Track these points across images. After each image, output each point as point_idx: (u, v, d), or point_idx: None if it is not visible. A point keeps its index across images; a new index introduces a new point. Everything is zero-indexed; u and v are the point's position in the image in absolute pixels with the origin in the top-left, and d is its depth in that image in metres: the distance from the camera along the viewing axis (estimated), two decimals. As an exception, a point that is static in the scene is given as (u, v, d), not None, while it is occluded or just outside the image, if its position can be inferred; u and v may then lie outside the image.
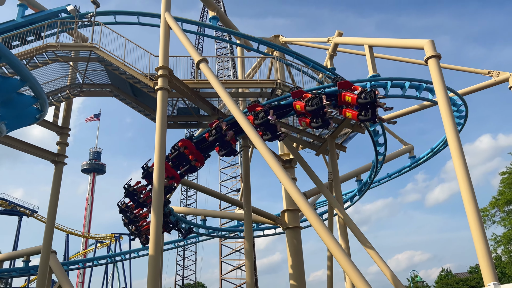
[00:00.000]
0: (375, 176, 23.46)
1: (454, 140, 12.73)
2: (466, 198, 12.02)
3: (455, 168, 12.62)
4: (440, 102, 13.16)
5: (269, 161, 11.48)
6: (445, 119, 13.03)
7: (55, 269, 19.41)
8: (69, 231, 77.71)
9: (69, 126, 18.61)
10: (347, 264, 9.24)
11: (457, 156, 12.52)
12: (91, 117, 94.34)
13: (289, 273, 20.06)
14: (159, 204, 12.84)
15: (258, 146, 11.95)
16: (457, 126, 20.80)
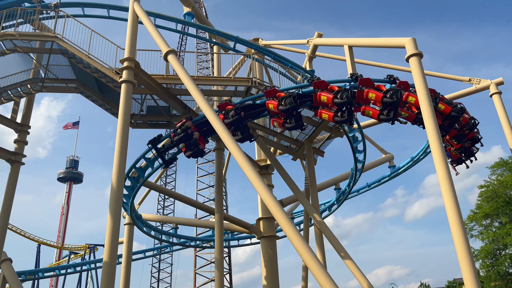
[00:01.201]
0: (354, 185, 22.74)
1: (437, 147, 11.86)
2: (449, 209, 11.10)
3: (438, 175, 11.76)
4: (422, 103, 12.45)
5: (242, 163, 10.62)
6: (427, 122, 12.30)
7: (9, 279, 17.85)
8: (40, 241, 74.57)
9: (29, 123, 17.33)
10: (322, 275, 8.35)
11: (440, 164, 11.67)
12: (69, 125, 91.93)
13: (263, 284, 18.98)
14: (117, 207, 11.69)
15: (231, 147, 11.07)
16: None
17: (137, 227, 21.93)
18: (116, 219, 11.42)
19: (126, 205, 19.25)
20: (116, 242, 11.27)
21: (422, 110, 12.36)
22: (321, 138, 19.30)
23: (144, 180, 16.74)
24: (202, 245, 27.39)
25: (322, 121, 16.07)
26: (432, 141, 11.92)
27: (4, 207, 15.54)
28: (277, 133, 17.45)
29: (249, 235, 26.71)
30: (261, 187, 10.19)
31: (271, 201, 9.90)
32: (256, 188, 10.43)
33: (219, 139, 17.83)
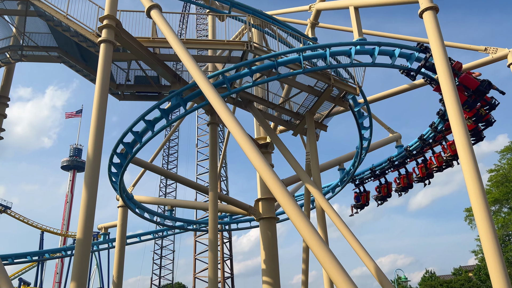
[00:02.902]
0: (359, 164, 21.38)
1: (457, 117, 10.39)
2: (471, 185, 9.62)
3: (458, 149, 10.28)
4: (438, 63, 10.97)
5: (238, 136, 9.46)
6: (444, 85, 10.87)
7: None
8: (44, 229, 74.48)
9: (8, 95, 16.03)
10: (323, 253, 7.05)
11: (460, 135, 10.21)
12: (72, 113, 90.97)
13: (262, 268, 17.78)
14: (93, 183, 10.42)
15: (225, 119, 9.81)
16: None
17: (129, 209, 20.80)
18: (91, 197, 10.14)
19: (115, 184, 18.06)
20: (91, 221, 10.00)
21: (438, 71, 10.93)
22: (322, 115, 17.94)
23: (132, 156, 15.48)
24: (201, 229, 26.26)
25: (324, 91, 14.68)
26: (450, 108, 10.51)
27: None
28: (276, 106, 16.09)
29: (249, 218, 25.55)
30: (259, 161, 8.94)
31: (269, 175, 8.68)
32: (254, 163, 9.19)
33: (213, 112, 16.52)
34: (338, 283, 7.01)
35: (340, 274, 7.03)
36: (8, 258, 23.63)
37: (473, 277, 54.90)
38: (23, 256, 23.90)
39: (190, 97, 13.69)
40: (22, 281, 60.10)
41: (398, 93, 20.15)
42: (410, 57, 14.78)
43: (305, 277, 17.55)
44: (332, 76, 14.28)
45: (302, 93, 15.85)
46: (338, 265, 7.11)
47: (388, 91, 20.22)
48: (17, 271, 69.17)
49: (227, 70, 13.19)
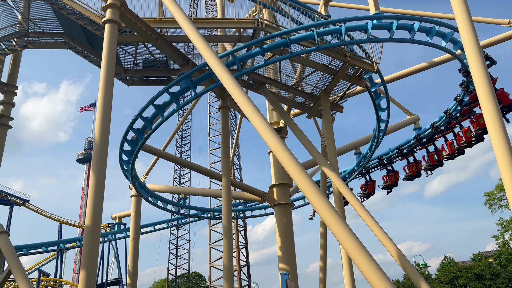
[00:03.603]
0: (376, 148, 20.68)
1: (486, 91, 9.56)
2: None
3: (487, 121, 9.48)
4: (465, 38, 10.14)
5: (252, 116, 8.92)
6: (470, 56, 10.03)
7: (5, 252, 16.69)
8: (62, 221, 75.53)
9: (16, 83, 15.76)
10: (342, 231, 6.50)
11: (488, 107, 9.41)
12: (86, 107, 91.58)
13: (278, 255, 17.36)
14: (101, 169, 10.04)
15: (238, 98, 9.30)
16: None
17: (142, 198, 20.55)
18: (99, 184, 9.77)
19: (127, 172, 17.77)
20: (100, 208, 9.64)
21: (464, 44, 10.14)
22: (337, 97, 17.26)
23: (142, 142, 15.12)
24: (215, 217, 25.94)
25: (340, 69, 14.01)
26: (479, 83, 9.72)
27: (-10, 174, 14.16)
28: (289, 87, 15.47)
29: (263, 205, 25.14)
30: (274, 140, 8.42)
31: (285, 154, 8.14)
32: (269, 142, 8.68)
33: (224, 96, 16.04)
34: (359, 262, 6.50)
35: (361, 253, 6.51)
36: (23, 248, 23.75)
37: (493, 263, 53.80)
38: (38, 246, 24.00)
39: (199, 79, 13.17)
40: (41, 272, 61.05)
41: (417, 72, 19.32)
42: (430, 31, 13.97)
43: (323, 263, 17.09)
44: (348, 53, 13.59)
45: (316, 73, 15.21)
46: (359, 244, 6.58)
47: (406, 70, 19.41)
48: (37, 262, 70.44)
49: (237, 49, 12.63)
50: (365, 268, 6.24)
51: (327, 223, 6.91)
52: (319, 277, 17.67)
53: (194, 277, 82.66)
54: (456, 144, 20.96)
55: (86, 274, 8.73)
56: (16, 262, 16.41)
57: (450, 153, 21.51)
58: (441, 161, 22.34)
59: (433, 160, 22.17)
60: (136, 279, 21.27)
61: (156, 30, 12.95)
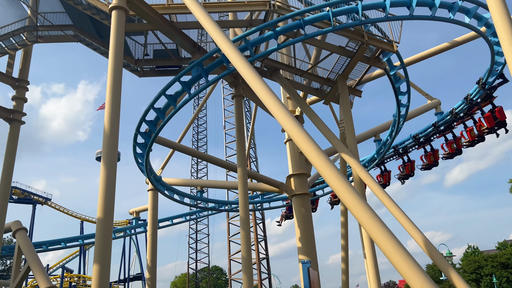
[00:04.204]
0: (397, 134, 19.94)
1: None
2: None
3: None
4: (494, 11, 9.34)
5: (268, 100, 8.50)
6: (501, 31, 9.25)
7: (24, 248, 16.69)
8: (83, 218, 76.72)
9: (27, 78, 15.61)
10: (365, 213, 5.98)
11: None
12: (103, 106, 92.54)
13: (298, 247, 16.91)
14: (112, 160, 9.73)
15: (252, 82, 8.88)
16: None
17: (159, 192, 20.34)
18: (110, 176, 9.46)
19: (142, 165, 17.53)
20: (112, 200, 9.33)
21: (492, 14, 9.37)
22: (354, 82, 16.60)
23: (155, 134, 14.81)
24: (233, 209, 25.63)
25: (357, 50, 13.37)
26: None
27: (5, 170, 14.07)
28: (304, 72, 14.89)
29: (281, 197, 24.69)
30: (291, 123, 7.95)
31: (303, 137, 7.65)
32: (286, 126, 8.20)
33: (237, 84, 15.58)
34: (386, 248, 5.98)
35: (388, 238, 5.99)
36: (43, 245, 23.92)
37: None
38: (57, 242, 24.14)
39: (211, 66, 12.73)
40: (65, 269, 62.11)
41: (438, 53, 18.46)
42: (452, 7, 13.17)
43: (345, 254, 16.57)
44: (365, 33, 12.94)
45: (332, 57, 14.59)
46: (385, 229, 6.06)
47: (426, 51, 18.57)
48: (61, 260, 71.73)
49: (249, 33, 12.11)
50: (393, 255, 5.73)
51: (349, 207, 6.41)
52: (341, 268, 17.16)
53: (214, 271, 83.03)
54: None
55: (99, 269, 8.44)
56: (35, 258, 16.38)
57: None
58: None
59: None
60: (155, 274, 21.15)
61: (165, 17, 12.54)
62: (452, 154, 21.70)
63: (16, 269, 16.97)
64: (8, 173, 14.07)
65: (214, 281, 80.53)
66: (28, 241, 17.14)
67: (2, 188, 13.91)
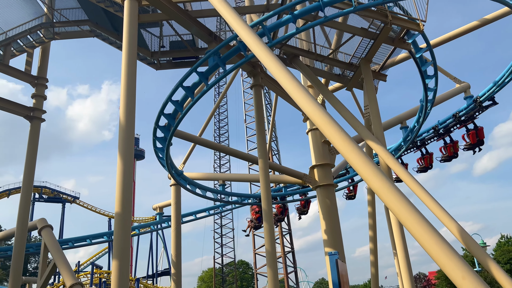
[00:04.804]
0: (424, 120, 19.08)
1: None
2: None
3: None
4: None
5: (289, 85, 8.07)
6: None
7: (49, 245, 16.81)
8: (111, 215, 78.24)
9: (46, 75, 15.61)
10: (393, 196, 5.47)
11: None
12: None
13: (323, 239, 16.41)
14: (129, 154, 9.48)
15: (272, 67, 8.44)
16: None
17: (181, 186, 20.16)
18: (127, 169, 9.20)
19: (162, 160, 17.35)
20: (130, 194, 9.08)
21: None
22: (378, 66, 15.87)
23: (174, 127, 14.54)
24: (256, 202, 25.29)
25: (381, 31, 12.69)
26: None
27: (27, 167, 14.09)
28: (325, 58, 14.29)
29: (304, 190, 24.17)
30: (315, 108, 7.48)
31: (329, 122, 7.16)
32: (309, 112, 7.71)
33: (256, 73, 15.12)
34: (420, 235, 5.45)
35: (422, 225, 5.45)
36: (69, 242, 24.22)
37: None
38: (82, 239, 24.40)
39: (228, 54, 12.30)
40: (95, 266, 63.54)
41: (466, 33, 17.49)
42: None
43: (373, 245, 15.96)
44: (389, 12, 12.24)
45: (354, 41, 13.95)
46: (419, 215, 5.52)
47: (454, 31, 17.63)
48: (91, 257, 73.39)
49: (266, 17, 11.63)
50: (430, 244, 5.19)
51: (378, 192, 5.89)
52: (370, 260, 16.57)
53: (241, 265, 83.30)
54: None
55: (119, 264, 8.19)
56: (60, 254, 16.45)
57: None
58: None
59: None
60: (180, 268, 21.04)
61: (179, 5, 12.18)
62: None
63: (42, 266, 17.13)
64: (30, 170, 14.10)
65: (241, 275, 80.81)
66: (53, 238, 17.27)
67: (25, 185, 13.95)
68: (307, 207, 24.62)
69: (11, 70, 14.57)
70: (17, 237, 13.29)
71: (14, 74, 14.77)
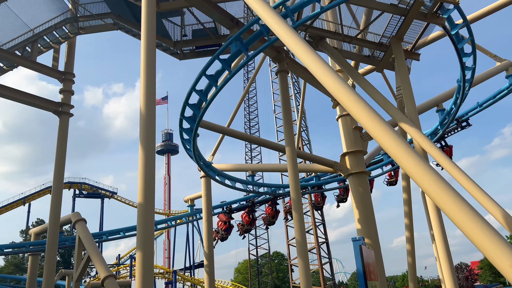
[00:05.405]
0: (462, 101, 17.99)
1: None
2: None
3: None
4: None
5: (317, 68, 7.68)
6: None
7: (83, 238, 17.11)
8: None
9: (73, 70, 15.76)
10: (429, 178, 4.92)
11: None
12: (159, 100, 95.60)
13: (357, 228, 15.80)
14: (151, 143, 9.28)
15: (298, 49, 8.03)
16: None
17: (209, 177, 20.05)
18: (149, 158, 9.01)
19: (190, 151, 17.24)
20: (152, 185, 8.88)
21: None
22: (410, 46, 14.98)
23: (200, 117, 14.33)
24: (287, 193, 24.88)
25: (412, 6, 11.87)
26: None
27: (57, 163, 14.29)
28: (353, 38, 13.59)
29: (336, 179, 23.52)
30: (341, 86, 7.00)
31: (361, 105, 6.68)
32: (334, 91, 7.26)
33: (281, 59, 14.64)
34: (461, 221, 4.89)
35: (464, 209, 4.88)
36: (103, 235, 24.71)
37: None
38: (116, 232, 24.86)
39: (250, 39, 11.90)
40: (133, 258, 65.31)
41: (508, 5, 16.25)
42: None
43: (409, 234, 15.22)
44: (420, -16, 11.44)
45: (383, 18, 13.17)
46: (459, 198, 4.94)
47: (493, 4, 16.42)
48: (130, 250, 75.48)
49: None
50: (473, 230, 4.62)
51: (414, 176, 5.36)
52: (407, 249, 15.84)
53: (276, 256, 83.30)
54: None
55: (142, 255, 8.02)
56: (93, 247, 16.67)
57: None
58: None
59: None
60: (212, 260, 21.01)
61: (198, -10, 11.85)
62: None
63: (78, 259, 17.46)
64: (61, 165, 14.29)
65: (277, 266, 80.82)
66: (87, 232, 17.55)
67: (56, 179, 14.15)
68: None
69: (38, 66, 14.78)
70: (50, 231, 13.53)
71: (41, 70, 14.97)
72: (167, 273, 55.58)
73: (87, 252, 16.84)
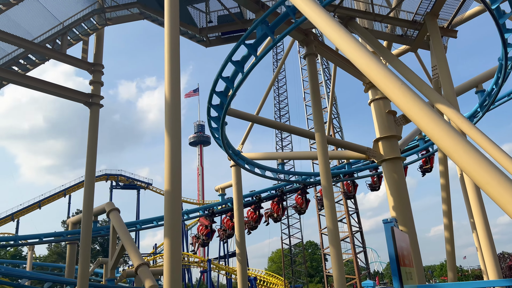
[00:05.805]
0: (504, 81, 16.91)
1: None
2: None
3: None
4: None
5: (347, 47, 7.31)
6: None
7: (117, 227, 17.48)
8: (183, 200, 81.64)
9: (102, 62, 15.91)
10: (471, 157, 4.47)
11: None
12: (190, 92, 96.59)
13: (392, 217, 15.24)
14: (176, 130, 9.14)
15: (327, 28, 7.68)
16: None
17: (239, 165, 19.93)
18: (175, 146, 8.89)
19: (219, 140, 17.14)
20: (179, 173, 8.76)
21: None
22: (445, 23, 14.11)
23: (227, 105, 14.15)
24: (318, 181, 24.45)
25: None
26: None
27: (89, 153, 14.51)
28: (384, 17, 12.92)
29: (369, 165, 22.85)
30: (374, 64, 6.61)
31: (388, 77, 6.24)
32: (367, 70, 6.86)
33: (309, 42, 14.18)
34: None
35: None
36: (136, 224, 25.18)
37: None
38: (149, 221, 25.31)
39: (276, 22, 11.54)
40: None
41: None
42: None
43: (448, 221, 14.52)
44: (457, -45, 10.67)
45: (417, -6, 12.45)
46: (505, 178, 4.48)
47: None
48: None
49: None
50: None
51: (450, 153, 4.91)
52: (445, 237, 15.14)
53: (309, 246, 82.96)
54: None
55: (170, 243, 7.95)
56: (127, 236, 16.97)
57: None
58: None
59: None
60: (244, 248, 20.99)
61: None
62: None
63: (112, 247, 17.83)
64: (92, 155, 14.51)
65: (310, 255, 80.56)
66: (120, 220, 17.90)
67: (89, 169, 14.38)
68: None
69: (68, 58, 15.00)
70: (84, 220, 13.82)
71: (71, 62, 15.20)
72: (202, 262, 56.46)
73: (121, 241, 17.18)
